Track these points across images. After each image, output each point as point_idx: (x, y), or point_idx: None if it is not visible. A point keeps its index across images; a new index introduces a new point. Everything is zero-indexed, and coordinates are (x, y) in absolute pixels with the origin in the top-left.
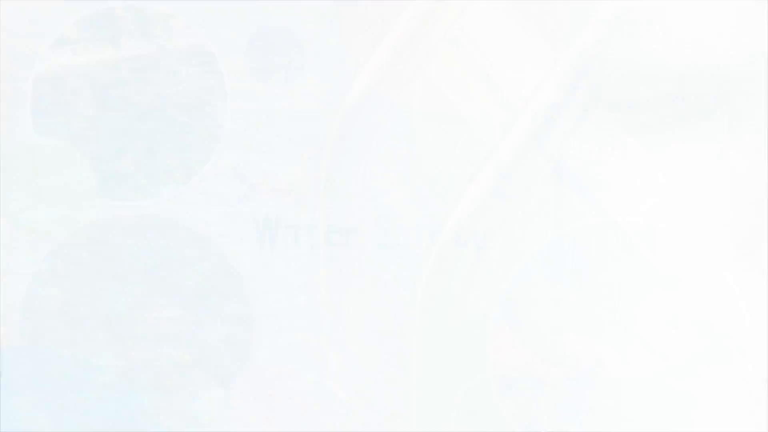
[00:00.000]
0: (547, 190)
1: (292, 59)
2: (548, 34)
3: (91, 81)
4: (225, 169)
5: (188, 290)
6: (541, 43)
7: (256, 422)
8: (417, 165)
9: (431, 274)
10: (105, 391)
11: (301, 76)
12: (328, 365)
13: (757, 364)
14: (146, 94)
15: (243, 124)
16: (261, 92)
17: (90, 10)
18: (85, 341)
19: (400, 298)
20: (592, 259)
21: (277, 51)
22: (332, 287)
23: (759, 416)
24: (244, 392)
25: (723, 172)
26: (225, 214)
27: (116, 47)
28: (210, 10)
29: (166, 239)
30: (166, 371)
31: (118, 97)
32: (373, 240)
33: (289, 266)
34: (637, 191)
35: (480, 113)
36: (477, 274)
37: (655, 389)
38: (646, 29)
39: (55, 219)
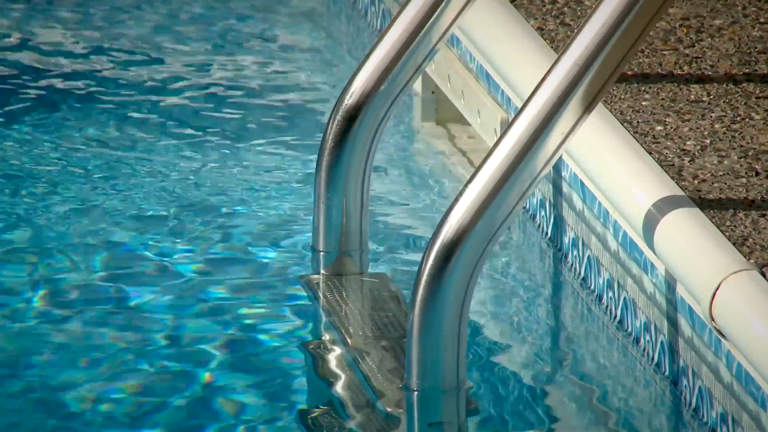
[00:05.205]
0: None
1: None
2: (548, 34)
3: None
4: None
5: None
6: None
7: None
8: (415, 164)
9: (430, 275)
10: None
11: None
12: None
13: None
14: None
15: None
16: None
17: None
18: None
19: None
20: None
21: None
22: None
23: None
24: None
25: None
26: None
27: None
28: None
29: None
30: None
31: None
32: (372, 240)
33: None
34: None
35: (478, 113)
36: (474, 273)
37: None
38: None
39: None
